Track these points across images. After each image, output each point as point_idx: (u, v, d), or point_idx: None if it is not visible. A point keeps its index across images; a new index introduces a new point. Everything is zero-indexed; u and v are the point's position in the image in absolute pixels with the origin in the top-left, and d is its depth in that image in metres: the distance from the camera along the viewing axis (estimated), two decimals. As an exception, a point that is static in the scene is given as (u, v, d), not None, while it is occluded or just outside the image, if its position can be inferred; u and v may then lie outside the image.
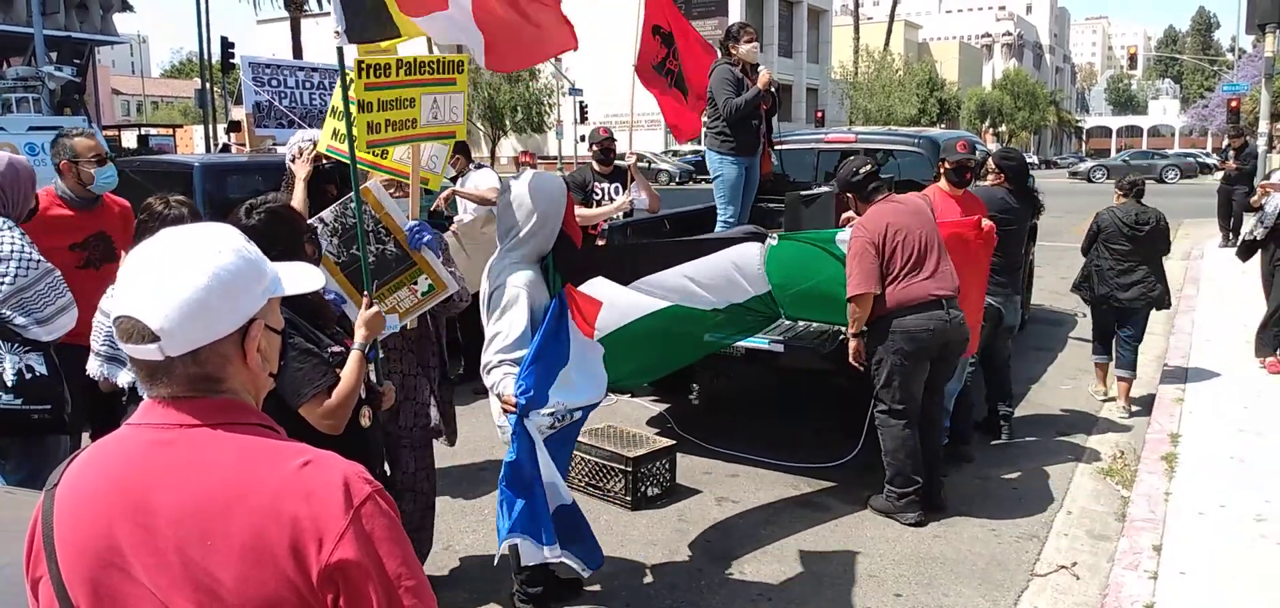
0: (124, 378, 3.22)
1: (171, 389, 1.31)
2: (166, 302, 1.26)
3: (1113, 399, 7.01)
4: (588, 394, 3.69)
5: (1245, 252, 8.10)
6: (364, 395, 2.96)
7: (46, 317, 3.38)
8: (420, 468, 4.00)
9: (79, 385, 3.58)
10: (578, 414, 3.70)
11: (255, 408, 1.38)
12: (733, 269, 4.89)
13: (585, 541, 3.80)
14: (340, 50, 3.26)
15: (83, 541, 1.29)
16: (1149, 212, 6.69)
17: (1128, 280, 6.62)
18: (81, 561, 1.28)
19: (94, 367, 3.32)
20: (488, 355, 3.55)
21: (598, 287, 4.14)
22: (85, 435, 3.73)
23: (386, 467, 3.69)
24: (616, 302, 4.43)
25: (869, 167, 5.00)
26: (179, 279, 1.27)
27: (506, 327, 3.51)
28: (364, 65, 3.42)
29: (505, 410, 3.45)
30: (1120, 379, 6.86)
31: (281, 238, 2.73)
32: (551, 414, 3.48)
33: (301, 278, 1.47)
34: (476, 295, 3.83)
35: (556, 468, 3.60)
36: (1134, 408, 6.80)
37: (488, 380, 3.55)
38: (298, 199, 4.04)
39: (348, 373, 2.80)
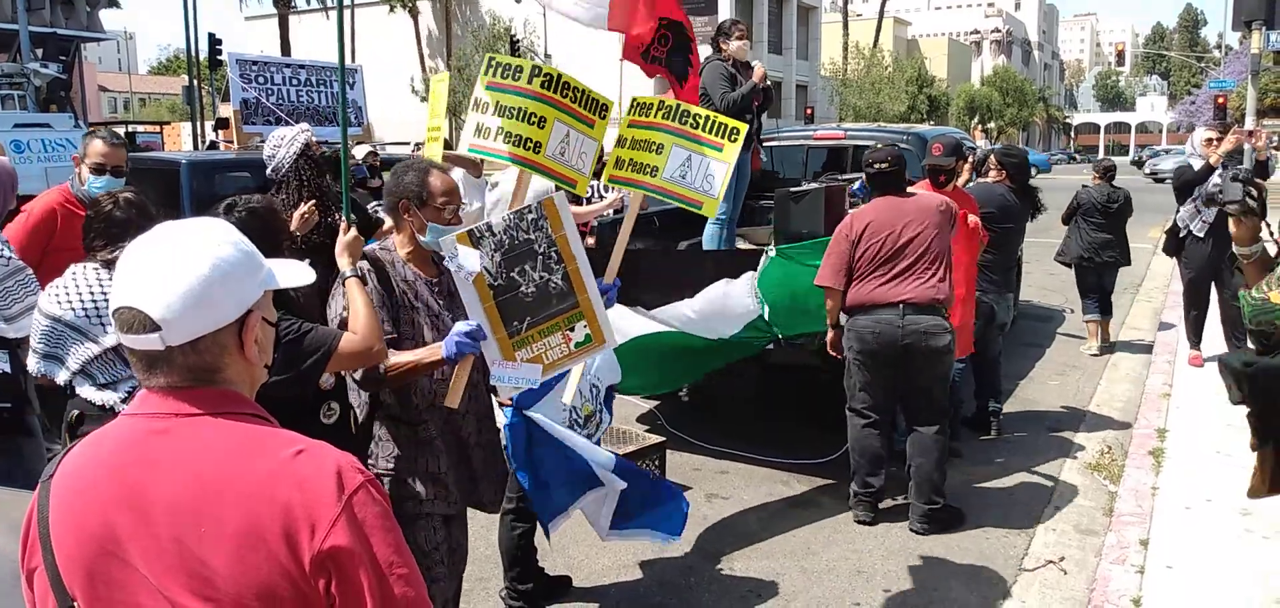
0: (62, 376, 3.07)
1: (169, 379, 1.32)
2: (168, 291, 1.28)
3: (1104, 353, 8.36)
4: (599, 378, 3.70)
5: (1175, 245, 7.64)
6: (332, 385, 2.87)
7: (13, 315, 3.33)
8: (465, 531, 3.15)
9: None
10: (601, 416, 3.67)
11: (250, 399, 1.40)
12: (727, 303, 4.97)
13: (658, 507, 3.76)
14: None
15: (79, 529, 1.30)
16: (1118, 191, 8.39)
17: (1101, 244, 8.25)
18: (78, 549, 1.29)
19: (32, 363, 3.15)
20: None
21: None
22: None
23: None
24: (618, 322, 4.45)
25: (887, 163, 4.86)
26: (180, 269, 1.29)
27: None
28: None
29: (501, 405, 3.45)
30: (1097, 321, 8.44)
31: (262, 238, 2.67)
32: (563, 412, 3.50)
33: (294, 273, 1.49)
34: None
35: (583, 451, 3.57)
36: (1106, 349, 8.43)
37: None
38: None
39: (353, 300, 2.64)
